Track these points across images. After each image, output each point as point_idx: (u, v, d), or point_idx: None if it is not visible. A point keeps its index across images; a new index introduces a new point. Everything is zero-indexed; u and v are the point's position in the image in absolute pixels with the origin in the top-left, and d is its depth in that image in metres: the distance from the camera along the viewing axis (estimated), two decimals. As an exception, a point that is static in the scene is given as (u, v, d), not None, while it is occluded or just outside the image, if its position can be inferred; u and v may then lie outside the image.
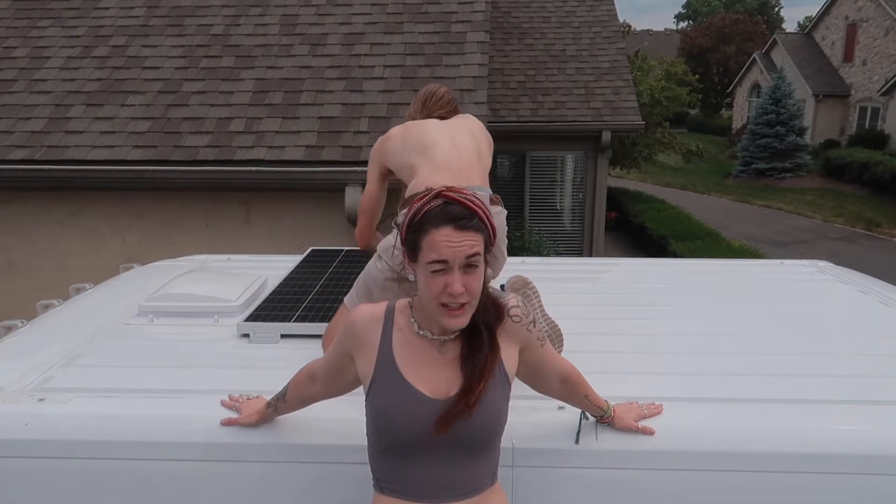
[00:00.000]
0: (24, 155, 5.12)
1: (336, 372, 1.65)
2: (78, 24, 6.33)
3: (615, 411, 1.78)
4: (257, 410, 1.81)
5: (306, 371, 1.73)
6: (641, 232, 13.88)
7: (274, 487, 1.81)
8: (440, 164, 2.23)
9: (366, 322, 1.57)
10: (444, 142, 2.30)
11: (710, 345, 2.32)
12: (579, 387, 1.72)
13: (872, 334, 2.41)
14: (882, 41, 23.78)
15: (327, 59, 5.88)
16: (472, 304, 1.44)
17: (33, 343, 2.41)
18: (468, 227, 1.41)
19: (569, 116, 9.85)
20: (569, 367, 1.71)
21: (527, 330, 1.58)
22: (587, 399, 1.74)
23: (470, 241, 1.41)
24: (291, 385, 1.76)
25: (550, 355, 1.67)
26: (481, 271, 1.44)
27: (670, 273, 3.31)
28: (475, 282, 1.43)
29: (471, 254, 1.41)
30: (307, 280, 2.91)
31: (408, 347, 1.53)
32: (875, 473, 1.74)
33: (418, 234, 1.44)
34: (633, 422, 1.79)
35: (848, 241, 15.19)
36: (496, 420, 1.53)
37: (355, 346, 1.57)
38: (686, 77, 17.60)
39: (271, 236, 5.39)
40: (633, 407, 1.83)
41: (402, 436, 1.49)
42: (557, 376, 1.69)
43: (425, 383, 1.50)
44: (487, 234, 1.46)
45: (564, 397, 1.75)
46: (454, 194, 1.45)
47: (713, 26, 39.71)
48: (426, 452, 1.48)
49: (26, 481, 1.83)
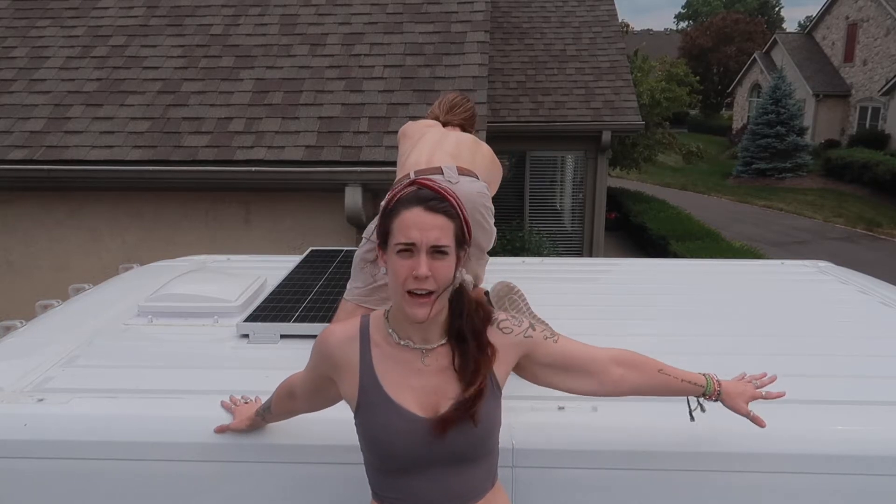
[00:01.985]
0: (24, 155, 5.11)
1: (315, 391, 1.61)
2: (77, 24, 6.33)
3: (722, 385, 1.60)
4: (248, 416, 1.79)
5: (286, 387, 1.69)
6: (641, 232, 13.87)
7: (273, 487, 1.81)
8: (411, 164, 2.33)
9: (340, 343, 1.52)
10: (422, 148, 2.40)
11: (709, 345, 2.32)
12: (641, 364, 1.57)
13: (873, 335, 2.40)
14: (882, 41, 23.78)
15: (327, 59, 5.87)
16: (438, 295, 1.39)
17: (32, 343, 2.40)
18: (437, 209, 1.39)
19: (569, 116, 9.85)
20: (619, 351, 1.57)
21: (524, 337, 1.52)
22: (663, 373, 1.56)
23: (439, 226, 1.37)
24: (274, 398, 1.73)
25: (576, 346, 1.56)
26: (450, 262, 1.40)
27: (670, 273, 3.30)
28: (443, 269, 1.38)
29: (439, 242, 1.37)
30: (307, 280, 2.91)
31: (389, 363, 1.47)
32: (875, 474, 1.73)
33: (389, 217, 1.42)
34: (745, 406, 1.60)
35: (848, 241, 15.18)
36: (491, 429, 1.50)
37: (333, 370, 1.53)
38: (687, 78, 17.59)
39: (271, 236, 5.38)
40: (748, 388, 1.63)
41: (396, 456, 1.46)
42: (608, 362, 1.55)
43: (413, 399, 1.45)
44: (460, 225, 1.42)
45: (639, 385, 1.56)
46: (427, 181, 1.46)
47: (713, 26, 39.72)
48: (423, 467, 1.46)
49: (25, 482, 1.82)
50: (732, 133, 31.17)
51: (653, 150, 16.12)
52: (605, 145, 9.95)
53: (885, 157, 20.27)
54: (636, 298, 2.84)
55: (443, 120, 2.65)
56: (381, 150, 4.99)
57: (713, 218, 16.04)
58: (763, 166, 22.58)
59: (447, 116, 2.65)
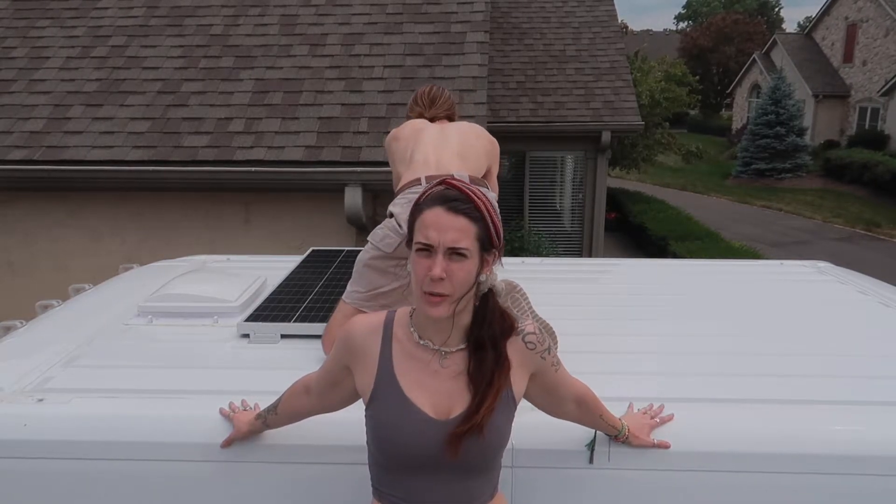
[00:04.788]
0: (24, 155, 5.11)
1: (332, 384, 1.60)
2: (77, 24, 6.33)
3: (630, 429, 1.74)
4: (247, 422, 1.77)
5: (301, 383, 1.68)
6: (641, 232, 13.87)
7: (273, 487, 1.81)
8: (419, 161, 2.34)
9: (364, 334, 1.52)
10: (427, 146, 2.40)
11: (708, 345, 2.32)
12: (594, 408, 1.67)
13: (872, 335, 2.41)
14: (882, 41, 23.80)
15: (327, 59, 5.87)
16: (456, 298, 1.38)
17: (32, 343, 2.40)
18: (459, 210, 1.37)
19: (568, 117, 9.85)
20: (583, 388, 1.65)
21: (541, 357, 1.51)
22: (602, 419, 1.69)
23: (458, 227, 1.35)
24: (284, 397, 1.71)
25: (565, 379, 1.61)
26: (470, 265, 1.37)
27: (670, 274, 3.31)
28: (460, 272, 1.36)
29: (457, 244, 1.35)
30: (307, 280, 2.91)
31: (408, 360, 1.47)
32: (874, 474, 1.74)
33: (413, 215, 1.42)
34: (648, 437, 1.75)
35: (847, 241, 15.19)
36: (499, 443, 1.48)
37: (353, 359, 1.52)
38: (685, 78, 17.60)
39: (271, 237, 5.38)
40: (646, 420, 1.78)
41: (402, 453, 1.45)
42: (572, 399, 1.63)
43: (427, 400, 1.44)
44: (485, 228, 1.39)
45: (579, 419, 1.69)
46: (457, 182, 1.43)
47: (713, 26, 39.73)
48: (426, 469, 1.45)
49: (25, 482, 1.82)
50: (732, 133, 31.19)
51: (652, 151, 16.13)
52: (604, 145, 9.96)
53: (885, 158, 20.29)
54: (636, 299, 2.84)
55: (429, 115, 2.60)
56: (381, 151, 4.99)
57: (713, 218, 16.04)
58: (762, 167, 22.59)
59: (433, 111, 2.60)
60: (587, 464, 1.76)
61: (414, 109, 2.66)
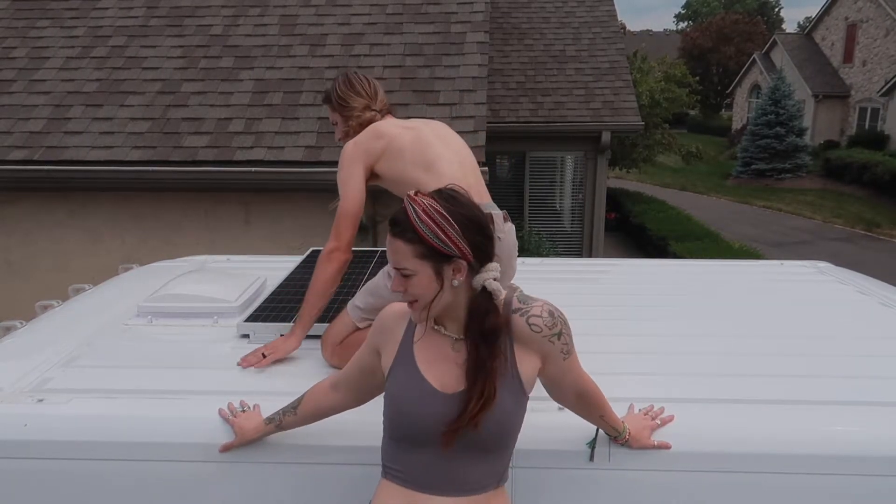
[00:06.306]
0: (24, 155, 5.11)
1: (363, 372, 1.68)
2: (77, 25, 6.33)
3: (630, 433, 1.76)
4: (253, 428, 1.78)
5: (327, 382, 1.75)
6: (641, 233, 13.88)
7: (273, 487, 1.81)
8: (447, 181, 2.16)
9: (395, 317, 1.64)
10: (449, 155, 2.28)
11: (708, 345, 2.32)
12: (595, 405, 1.69)
13: (872, 335, 2.41)
14: (882, 42, 23.79)
15: (327, 59, 5.88)
16: (422, 303, 1.47)
17: (32, 344, 2.40)
18: (396, 234, 1.45)
19: (568, 117, 9.85)
20: (588, 383, 1.67)
21: (549, 341, 1.54)
22: (602, 419, 1.72)
23: (397, 250, 1.45)
24: (307, 397, 1.75)
25: (572, 369, 1.62)
26: (421, 279, 1.45)
27: (670, 274, 3.30)
28: (414, 287, 1.46)
29: (399, 265, 1.46)
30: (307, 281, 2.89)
31: (426, 342, 1.57)
32: (874, 475, 1.74)
33: None
34: (649, 440, 1.77)
35: (848, 241, 15.19)
36: (506, 426, 1.52)
37: (382, 341, 1.63)
38: (685, 79, 17.60)
39: (271, 237, 5.38)
40: (646, 422, 1.80)
41: (408, 424, 1.52)
42: (574, 390, 1.65)
43: (437, 377, 1.52)
44: (428, 247, 1.42)
45: (579, 412, 1.72)
46: (409, 198, 1.46)
47: (713, 26, 39.72)
48: (432, 445, 1.49)
49: (25, 482, 1.82)
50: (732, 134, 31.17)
51: (652, 151, 16.14)
52: (604, 146, 9.96)
53: (885, 158, 20.27)
54: (636, 299, 2.84)
55: (385, 108, 2.44)
56: (380, 151, 4.99)
57: (713, 218, 16.05)
58: (762, 167, 22.58)
59: (384, 104, 2.43)
60: (587, 462, 1.77)
61: (369, 105, 2.40)
